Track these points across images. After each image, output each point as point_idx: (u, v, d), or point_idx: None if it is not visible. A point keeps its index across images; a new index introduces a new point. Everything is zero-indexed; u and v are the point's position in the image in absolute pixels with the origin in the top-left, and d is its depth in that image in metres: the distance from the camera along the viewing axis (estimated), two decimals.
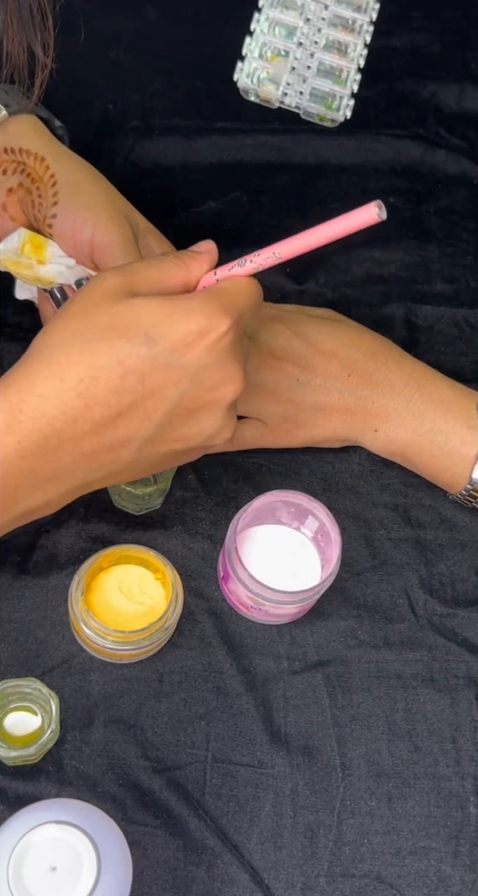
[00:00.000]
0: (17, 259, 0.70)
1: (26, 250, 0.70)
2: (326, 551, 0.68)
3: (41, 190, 0.68)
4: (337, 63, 0.91)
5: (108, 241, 0.67)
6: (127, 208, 0.71)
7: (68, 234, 0.68)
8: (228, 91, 0.91)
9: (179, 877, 0.63)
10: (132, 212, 0.71)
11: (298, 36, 0.91)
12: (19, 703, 0.65)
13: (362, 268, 0.85)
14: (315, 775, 0.66)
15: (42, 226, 0.69)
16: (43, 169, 0.68)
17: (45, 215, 0.68)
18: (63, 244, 0.69)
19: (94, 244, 0.68)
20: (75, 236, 0.68)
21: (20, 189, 0.69)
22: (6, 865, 0.51)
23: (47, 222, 0.68)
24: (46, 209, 0.68)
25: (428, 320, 0.83)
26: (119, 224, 0.68)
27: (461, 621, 0.71)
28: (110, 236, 0.67)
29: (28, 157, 0.69)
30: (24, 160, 0.69)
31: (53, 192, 0.68)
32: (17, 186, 0.69)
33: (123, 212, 0.69)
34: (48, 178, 0.68)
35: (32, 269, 0.70)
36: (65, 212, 0.68)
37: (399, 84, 0.93)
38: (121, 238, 0.68)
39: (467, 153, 0.91)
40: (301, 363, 0.71)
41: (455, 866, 0.65)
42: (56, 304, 0.70)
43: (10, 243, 0.70)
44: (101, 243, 0.67)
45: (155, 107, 0.90)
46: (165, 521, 0.73)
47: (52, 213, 0.68)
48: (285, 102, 0.90)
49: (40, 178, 0.68)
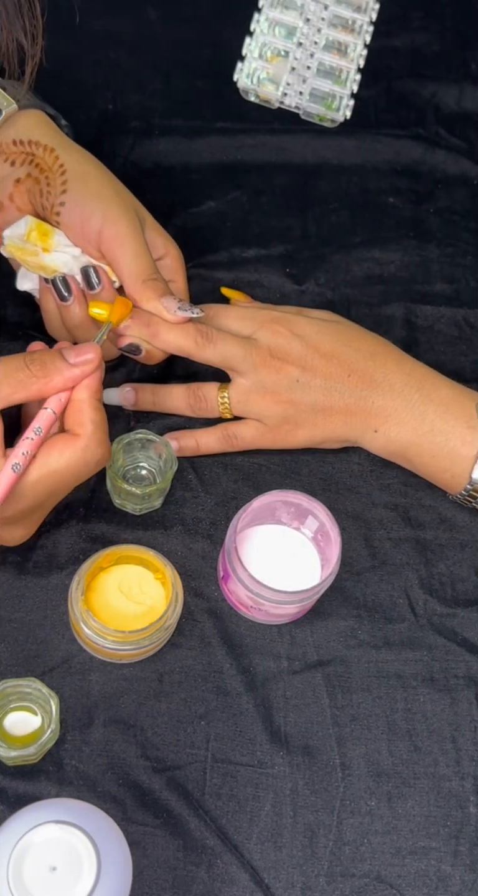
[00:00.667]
0: (23, 245, 0.70)
1: (32, 237, 0.70)
2: (326, 551, 0.68)
3: (50, 179, 0.69)
4: (337, 63, 0.91)
5: (117, 232, 0.68)
6: (135, 203, 0.71)
7: (76, 223, 0.69)
8: (228, 91, 0.91)
9: (179, 876, 0.63)
10: (139, 207, 0.72)
11: (298, 36, 0.91)
12: (19, 702, 0.65)
13: (362, 268, 0.85)
14: (315, 775, 0.66)
15: (49, 214, 0.70)
16: (52, 159, 0.69)
17: (53, 203, 0.69)
18: (70, 233, 0.70)
19: (103, 234, 0.68)
20: (83, 226, 0.69)
21: (28, 179, 0.69)
22: (6, 865, 0.51)
23: (55, 210, 0.69)
24: (55, 197, 0.69)
25: (428, 320, 0.83)
26: (128, 215, 0.69)
27: (461, 621, 0.71)
28: (120, 227, 0.68)
29: (37, 148, 0.70)
30: (33, 151, 0.69)
31: (63, 181, 0.69)
32: (26, 177, 0.69)
33: (132, 205, 0.70)
34: (57, 168, 0.69)
35: (37, 257, 0.70)
36: (74, 201, 0.68)
37: (399, 84, 0.93)
38: (130, 229, 0.68)
39: (467, 153, 0.91)
40: (301, 364, 0.72)
41: (455, 866, 0.65)
42: (58, 295, 0.70)
43: (17, 230, 0.70)
44: (109, 234, 0.68)
45: (155, 107, 0.90)
46: (165, 521, 0.73)
47: (60, 201, 0.69)
48: (285, 102, 0.91)
49: (50, 167, 0.69)
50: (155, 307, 0.69)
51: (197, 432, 0.74)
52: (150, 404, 0.75)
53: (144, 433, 0.71)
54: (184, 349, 0.71)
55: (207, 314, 0.73)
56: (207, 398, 0.73)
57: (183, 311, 0.69)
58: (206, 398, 0.73)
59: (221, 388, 0.73)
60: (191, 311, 0.69)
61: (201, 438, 0.73)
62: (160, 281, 0.70)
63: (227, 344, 0.71)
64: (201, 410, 0.73)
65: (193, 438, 0.73)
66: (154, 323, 0.70)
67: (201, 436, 0.74)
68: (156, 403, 0.75)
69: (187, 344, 0.70)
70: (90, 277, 0.70)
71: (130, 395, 0.75)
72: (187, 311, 0.69)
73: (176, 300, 0.69)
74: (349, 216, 0.87)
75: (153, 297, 0.69)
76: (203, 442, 0.73)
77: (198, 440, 0.73)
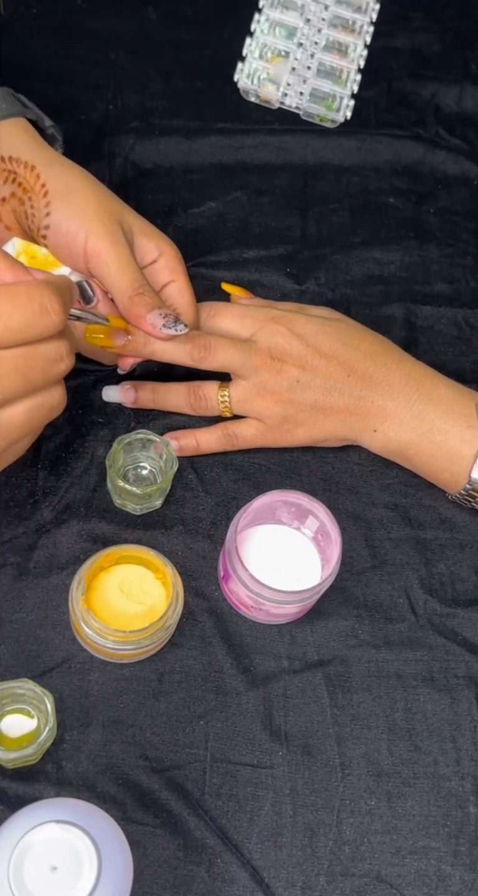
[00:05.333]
0: None
1: (21, 260, 0.70)
2: (326, 551, 0.68)
3: (33, 200, 0.68)
4: (337, 63, 0.91)
5: (101, 249, 0.67)
6: (121, 212, 0.70)
7: (63, 243, 0.68)
8: (229, 91, 0.91)
9: (179, 876, 0.63)
10: (127, 214, 0.70)
11: (299, 36, 0.92)
12: (14, 705, 0.65)
13: (362, 268, 0.85)
14: (315, 774, 0.66)
15: (37, 236, 0.69)
16: (33, 178, 0.68)
17: (38, 226, 0.68)
18: (59, 253, 0.69)
19: (87, 252, 0.67)
20: (69, 246, 0.68)
21: (13, 199, 0.69)
22: (7, 865, 0.51)
23: (42, 233, 0.68)
24: (40, 220, 0.68)
25: (428, 320, 0.83)
26: (111, 231, 0.68)
27: (461, 621, 0.71)
28: (103, 244, 0.67)
29: (18, 166, 0.69)
30: (14, 169, 0.69)
31: (46, 203, 0.68)
32: (10, 196, 0.69)
33: (116, 216, 0.69)
34: (39, 188, 0.68)
35: None
36: (57, 222, 0.68)
37: (399, 84, 0.93)
38: (113, 245, 0.67)
39: (467, 153, 0.91)
40: (301, 364, 0.72)
41: (455, 866, 0.65)
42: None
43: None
44: (93, 251, 0.67)
45: (155, 107, 0.90)
46: (165, 521, 0.73)
47: (45, 223, 0.68)
48: (286, 103, 0.91)
49: (32, 188, 0.68)
50: (144, 325, 0.68)
51: (197, 431, 0.74)
52: (150, 402, 0.75)
53: (145, 433, 0.72)
54: (183, 364, 0.71)
55: (208, 312, 0.73)
56: (208, 397, 0.73)
57: (168, 328, 0.67)
58: (206, 397, 0.73)
59: (222, 386, 0.73)
60: (174, 329, 0.67)
61: (202, 437, 0.74)
62: (147, 294, 0.68)
63: (226, 352, 0.71)
64: (201, 409, 0.74)
65: (194, 438, 0.74)
66: (150, 343, 0.69)
67: (202, 435, 0.74)
68: (156, 401, 0.75)
69: (186, 359, 0.70)
70: (85, 291, 0.70)
71: (130, 392, 0.75)
72: (171, 329, 0.67)
73: (162, 316, 0.67)
74: (349, 216, 0.87)
75: (141, 313, 0.67)
76: (203, 441, 0.74)
77: (198, 439, 0.73)
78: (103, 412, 0.75)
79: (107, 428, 0.75)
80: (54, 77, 0.88)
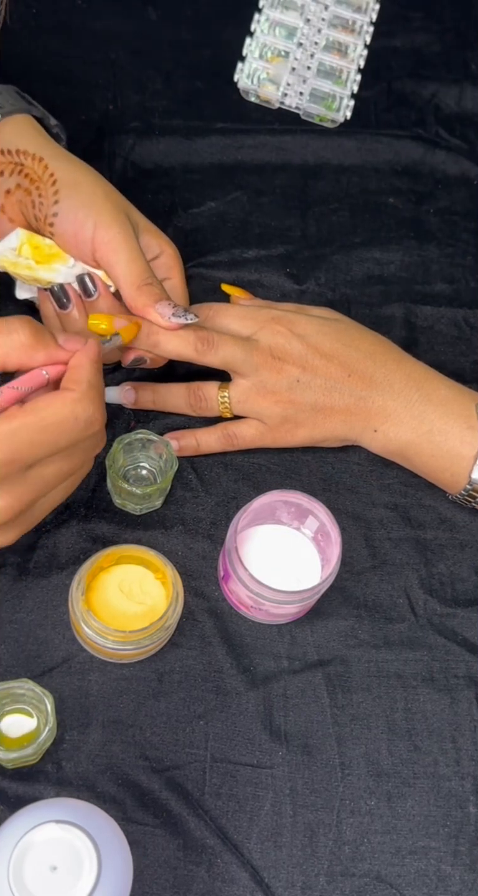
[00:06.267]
0: (16, 259, 0.70)
1: (24, 251, 0.70)
2: (326, 551, 0.69)
3: (41, 190, 0.68)
4: (337, 64, 0.91)
5: (111, 238, 0.67)
6: (127, 207, 0.71)
7: (70, 232, 0.68)
8: (229, 91, 0.91)
9: (179, 876, 0.63)
10: (132, 210, 0.71)
11: (299, 36, 0.92)
12: (13, 705, 0.65)
13: (362, 268, 0.85)
14: (315, 774, 0.66)
15: (43, 225, 0.69)
16: (42, 169, 0.68)
17: (46, 214, 0.68)
18: (64, 243, 0.69)
19: (96, 242, 0.68)
20: (77, 234, 0.68)
21: (19, 190, 0.69)
22: (7, 865, 0.51)
23: (49, 221, 0.68)
24: (47, 208, 0.68)
25: (428, 320, 0.83)
26: (120, 221, 0.68)
27: (461, 621, 0.71)
28: (112, 233, 0.67)
29: (25, 158, 0.69)
30: (21, 161, 0.69)
31: (54, 192, 0.68)
32: (15, 188, 0.69)
33: (123, 209, 0.70)
34: (48, 178, 0.68)
35: (31, 270, 0.70)
36: (66, 210, 0.68)
37: (399, 84, 0.93)
38: (123, 234, 0.68)
39: (466, 153, 0.91)
40: (301, 364, 0.72)
41: (455, 866, 0.65)
42: (56, 303, 0.70)
43: (8, 244, 0.70)
44: (103, 240, 0.67)
45: (155, 107, 0.90)
46: (165, 521, 0.73)
47: (53, 211, 0.68)
48: (285, 103, 0.91)
49: (39, 177, 0.68)
50: (150, 314, 0.68)
51: (197, 432, 0.74)
52: (150, 403, 0.75)
53: (145, 433, 0.72)
54: (185, 356, 0.70)
55: (208, 313, 0.73)
56: (208, 397, 0.73)
57: (177, 317, 0.68)
58: (206, 397, 0.73)
59: (222, 387, 0.73)
60: (185, 318, 0.68)
61: (202, 438, 0.74)
62: (155, 285, 0.69)
63: (228, 347, 0.71)
64: (201, 409, 0.74)
65: (194, 438, 0.74)
66: (154, 333, 0.69)
67: (202, 435, 0.74)
68: (156, 402, 0.75)
69: (188, 351, 0.70)
70: (86, 285, 0.70)
71: (130, 393, 0.75)
72: (181, 318, 0.68)
73: (170, 306, 0.68)
74: (349, 216, 0.87)
75: (148, 302, 0.68)
76: (203, 441, 0.74)
77: (198, 439, 0.74)
78: None
79: (107, 428, 0.75)
80: (54, 77, 0.88)
